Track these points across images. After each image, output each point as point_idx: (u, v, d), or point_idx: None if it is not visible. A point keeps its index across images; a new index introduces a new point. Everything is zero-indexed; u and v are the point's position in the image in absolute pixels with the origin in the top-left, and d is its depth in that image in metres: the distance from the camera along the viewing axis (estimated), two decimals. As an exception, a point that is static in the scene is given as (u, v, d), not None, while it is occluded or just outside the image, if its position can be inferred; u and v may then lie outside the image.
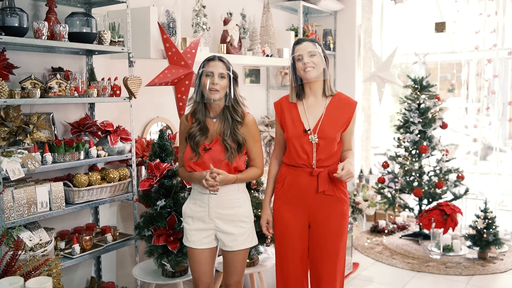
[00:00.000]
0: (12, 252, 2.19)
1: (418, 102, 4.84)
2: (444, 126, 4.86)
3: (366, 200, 5.19)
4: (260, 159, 2.49)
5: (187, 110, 2.53)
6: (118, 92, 2.98)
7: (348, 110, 2.41)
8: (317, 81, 2.40)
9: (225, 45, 3.79)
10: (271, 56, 4.27)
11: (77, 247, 2.77)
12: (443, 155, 4.81)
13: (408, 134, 4.83)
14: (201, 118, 2.41)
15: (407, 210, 5.03)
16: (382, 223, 5.14)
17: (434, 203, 4.68)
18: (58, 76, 2.65)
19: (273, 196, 2.55)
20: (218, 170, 2.32)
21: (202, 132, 2.39)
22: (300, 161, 2.40)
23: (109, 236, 3.00)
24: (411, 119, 4.82)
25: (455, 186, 4.77)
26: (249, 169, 2.49)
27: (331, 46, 5.44)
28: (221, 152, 2.38)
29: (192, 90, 2.89)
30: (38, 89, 2.54)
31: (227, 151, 2.37)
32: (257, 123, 4.69)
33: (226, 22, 3.92)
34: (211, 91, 2.34)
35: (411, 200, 5.09)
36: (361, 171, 5.62)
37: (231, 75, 2.40)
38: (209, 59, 2.40)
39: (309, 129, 2.38)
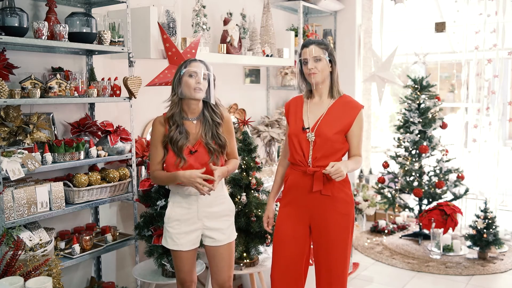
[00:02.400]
0: (12, 252, 2.20)
1: (418, 102, 4.84)
2: (444, 126, 4.86)
3: (366, 200, 5.19)
4: (236, 150, 2.59)
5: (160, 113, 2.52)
6: (118, 92, 2.98)
7: (351, 112, 2.41)
8: (327, 83, 2.43)
9: (225, 45, 3.79)
10: (271, 56, 4.27)
11: (77, 247, 2.77)
12: (443, 155, 4.81)
13: (408, 134, 4.83)
14: (179, 121, 2.41)
15: (407, 210, 5.03)
16: (382, 223, 5.15)
17: (434, 203, 4.68)
18: (58, 76, 2.65)
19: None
20: (214, 167, 2.35)
21: (183, 135, 2.39)
22: (297, 157, 2.44)
23: (109, 236, 3.00)
24: (411, 119, 4.82)
25: (455, 186, 4.78)
26: (230, 161, 2.55)
27: (331, 46, 5.43)
28: (206, 154, 2.41)
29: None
30: (38, 89, 2.53)
31: (212, 154, 2.41)
32: (257, 123, 4.72)
33: (226, 22, 3.92)
34: (196, 90, 2.37)
35: (411, 200, 5.09)
36: (361, 171, 5.62)
37: (212, 77, 2.45)
38: (191, 60, 2.44)
39: (308, 127, 2.41)
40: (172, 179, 2.38)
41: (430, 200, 4.78)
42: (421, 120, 4.79)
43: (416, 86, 4.87)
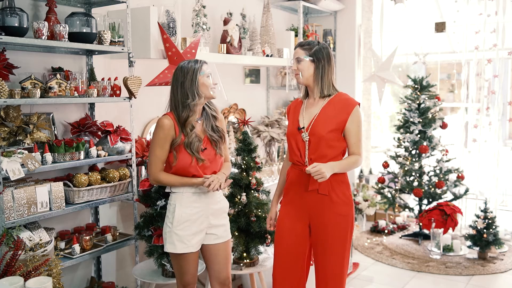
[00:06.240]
0: (12, 252, 2.20)
1: (418, 102, 4.84)
2: (444, 126, 4.86)
3: (366, 200, 5.19)
4: (228, 153, 2.67)
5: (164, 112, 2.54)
6: (118, 92, 2.98)
7: (345, 110, 2.40)
8: (313, 83, 2.43)
9: (225, 45, 3.78)
10: (271, 56, 4.27)
11: (77, 247, 2.77)
12: (443, 155, 4.81)
13: (408, 134, 4.83)
14: (193, 123, 2.44)
15: (407, 210, 5.03)
16: (382, 223, 5.15)
17: (434, 203, 4.68)
18: (58, 76, 2.65)
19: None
20: (213, 175, 2.44)
21: (198, 137, 2.43)
22: (295, 157, 2.47)
23: (109, 236, 3.00)
24: (411, 119, 4.82)
25: (455, 186, 4.77)
26: (224, 164, 2.61)
27: (331, 46, 5.44)
28: (212, 148, 2.50)
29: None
30: (38, 89, 2.53)
31: (216, 146, 2.50)
32: (257, 123, 4.72)
33: (226, 22, 3.92)
34: (213, 89, 2.48)
35: (411, 200, 5.09)
36: (361, 171, 5.62)
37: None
38: (204, 62, 2.48)
39: (303, 127, 2.43)
40: (188, 184, 2.44)
41: (430, 200, 4.78)
42: (421, 120, 4.79)
43: (416, 86, 4.87)
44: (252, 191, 3.17)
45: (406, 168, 4.82)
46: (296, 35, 4.74)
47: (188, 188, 2.46)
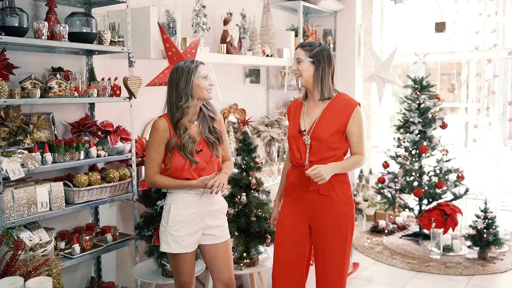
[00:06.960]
0: (12, 252, 2.20)
1: (418, 102, 4.84)
2: (444, 126, 4.86)
3: (366, 200, 5.19)
4: (229, 151, 2.67)
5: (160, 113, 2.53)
6: (118, 92, 2.98)
7: (345, 111, 2.40)
8: (313, 85, 2.42)
9: (225, 45, 3.78)
10: (271, 56, 4.27)
11: (77, 247, 2.77)
12: (443, 155, 4.81)
13: (408, 134, 4.83)
14: (187, 125, 2.43)
15: (407, 210, 5.03)
16: (382, 223, 5.15)
17: (434, 203, 4.68)
18: (58, 76, 2.65)
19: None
20: (214, 175, 2.42)
21: (191, 139, 2.42)
22: (295, 160, 2.47)
23: (109, 236, 3.00)
24: (411, 119, 4.82)
25: (455, 186, 4.77)
26: (226, 163, 2.61)
27: (331, 46, 5.44)
28: (208, 150, 2.48)
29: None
30: (38, 89, 2.53)
31: (213, 147, 2.48)
32: (257, 123, 4.71)
33: (226, 22, 3.92)
34: (209, 91, 2.45)
35: (411, 200, 5.09)
36: (361, 171, 5.62)
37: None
38: (200, 63, 2.47)
39: (304, 130, 2.42)
40: (182, 186, 2.43)
41: (430, 200, 4.78)
42: (421, 120, 4.79)
43: (416, 86, 4.87)
44: (252, 191, 3.17)
45: (406, 168, 4.82)
46: (296, 35, 4.74)
47: (184, 189, 2.46)
